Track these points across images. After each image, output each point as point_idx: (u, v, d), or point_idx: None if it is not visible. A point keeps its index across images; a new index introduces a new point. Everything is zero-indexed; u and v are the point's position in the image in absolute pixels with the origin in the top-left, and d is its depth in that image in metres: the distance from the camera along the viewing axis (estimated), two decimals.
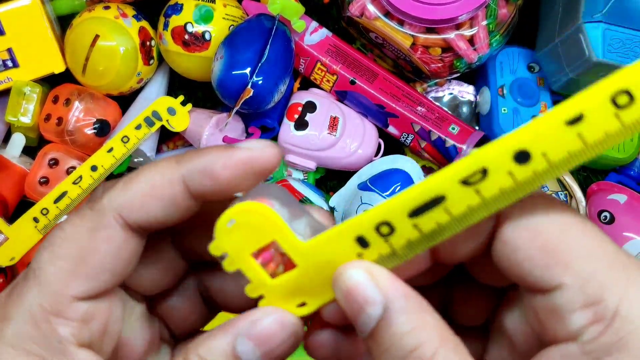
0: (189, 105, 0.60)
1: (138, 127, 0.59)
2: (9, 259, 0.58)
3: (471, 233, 0.21)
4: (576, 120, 0.18)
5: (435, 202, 0.19)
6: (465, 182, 0.19)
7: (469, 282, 0.24)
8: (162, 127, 0.60)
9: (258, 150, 0.22)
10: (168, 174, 0.22)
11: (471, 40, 0.57)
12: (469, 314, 0.21)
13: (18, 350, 0.21)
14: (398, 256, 0.20)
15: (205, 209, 0.23)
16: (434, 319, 0.20)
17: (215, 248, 0.22)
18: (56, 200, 0.58)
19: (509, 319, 0.23)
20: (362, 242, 0.20)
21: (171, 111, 0.60)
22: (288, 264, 0.22)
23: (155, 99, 0.61)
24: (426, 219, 0.20)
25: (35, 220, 0.58)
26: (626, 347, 0.19)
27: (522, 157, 0.19)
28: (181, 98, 0.60)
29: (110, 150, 0.59)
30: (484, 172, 0.19)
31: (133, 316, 0.25)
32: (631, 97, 0.18)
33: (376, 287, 0.20)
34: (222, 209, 0.22)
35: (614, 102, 0.18)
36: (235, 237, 0.21)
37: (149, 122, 0.59)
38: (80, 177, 0.58)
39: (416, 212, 0.20)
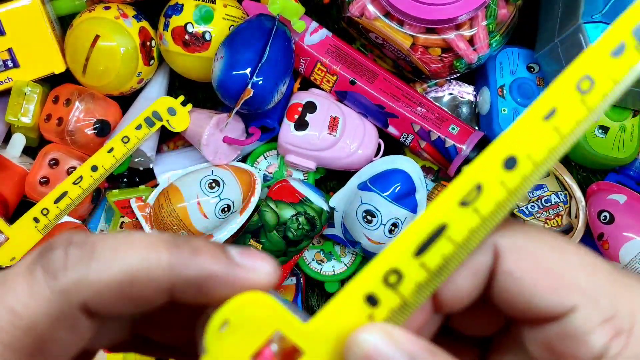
0: (189, 106, 0.60)
1: (138, 127, 0.59)
2: (9, 259, 0.58)
3: (471, 271, 0.20)
4: (551, 114, 0.19)
5: (438, 232, 0.19)
6: (464, 203, 0.19)
7: (449, 338, 0.23)
8: (163, 127, 0.60)
9: (263, 275, 0.20)
10: (155, 274, 0.18)
11: (471, 41, 0.57)
12: None
13: None
14: (409, 305, 0.19)
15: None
16: None
17: None
18: (56, 201, 0.58)
19: None
20: (372, 300, 0.19)
21: (171, 111, 0.60)
22: (289, 357, 0.19)
23: (156, 99, 0.61)
24: (432, 254, 0.19)
25: (36, 220, 0.58)
26: None
27: (510, 163, 0.19)
28: (181, 98, 0.60)
29: (111, 150, 0.59)
30: (479, 188, 0.19)
31: None
32: (592, 81, 0.19)
33: (396, 346, 0.18)
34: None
35: (578, 88, 0.19)
36: (230, 342, 0.19)
37: (149, 123, 0.60)
38: (81, 177, 0.58)
39: (421, 250, 0.19)
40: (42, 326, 0.18)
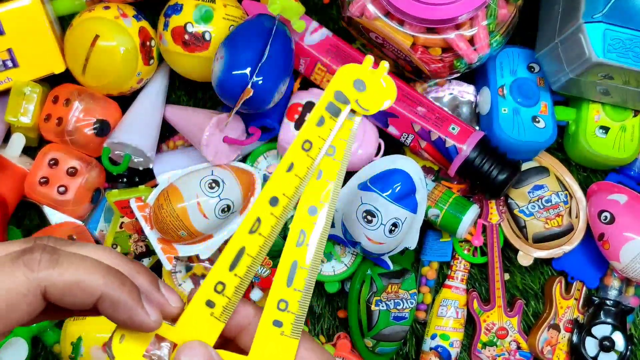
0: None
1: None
2: None
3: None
4: (290, 167, 0.31)
5: (241, 253, 0.30)
6: (252, 231, 0.30)
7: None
8: (162, 126, 0.60)
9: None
10: (91, 289, 0.26)
11: (471, 41, 0.57)
12: None
13: None
14: (232, 303, 0.30)
15: None
16: None
17: None
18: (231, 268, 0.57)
19: None
20: (210, 303, 0.30)
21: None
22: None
23: (155, 99, 0.61)
24: (239, 267, 0.30)
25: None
26: None
27: (273, 201, 0.30)
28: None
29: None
30: (259, 220, 0.30)
31: None
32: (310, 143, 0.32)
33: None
34: None
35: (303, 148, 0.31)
36: (129, 348, 0.29)
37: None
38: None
39: (232, 265, 0.30)
40: (13, 298, 0.26)
